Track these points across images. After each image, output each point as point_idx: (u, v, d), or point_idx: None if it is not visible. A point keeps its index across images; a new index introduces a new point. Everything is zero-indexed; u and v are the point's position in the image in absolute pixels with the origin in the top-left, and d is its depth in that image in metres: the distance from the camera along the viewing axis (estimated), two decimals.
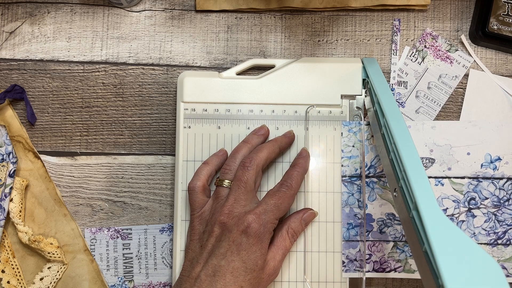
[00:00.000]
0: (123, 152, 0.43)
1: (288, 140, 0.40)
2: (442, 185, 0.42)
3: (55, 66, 0.44)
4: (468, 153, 0.42)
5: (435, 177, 0.42)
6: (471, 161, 0.42)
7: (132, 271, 0.43)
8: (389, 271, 0.41)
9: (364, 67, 0.41)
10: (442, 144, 0.42)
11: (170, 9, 0.44)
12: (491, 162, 0.42)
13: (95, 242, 0.43)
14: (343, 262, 0.40)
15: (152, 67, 0.44)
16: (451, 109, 0.44)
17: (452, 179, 0.42)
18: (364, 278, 0.40)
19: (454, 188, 0.42)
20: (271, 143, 0.39)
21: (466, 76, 0.44)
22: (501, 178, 0.42)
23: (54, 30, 0.44)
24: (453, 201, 0.42)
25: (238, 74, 0.42)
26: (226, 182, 0.37)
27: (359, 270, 0.40)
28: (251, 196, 0.37)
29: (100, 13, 0.44)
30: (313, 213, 0.40)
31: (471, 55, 0.44)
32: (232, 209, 0.35)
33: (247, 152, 0.39)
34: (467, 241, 0.26)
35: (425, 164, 0.42)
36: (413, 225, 0.30)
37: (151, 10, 0.44)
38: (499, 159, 0.42)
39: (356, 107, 0.42)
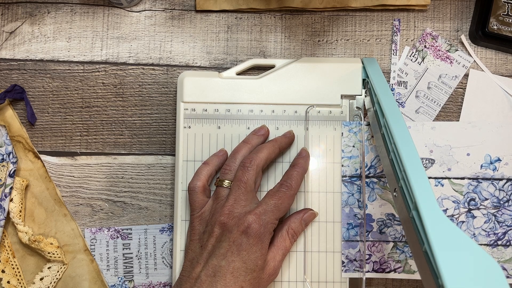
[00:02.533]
0: (123, 152, 0.43)
1: (288, 140, 0.40)
2: (442, 185, 0.42)
3: (55, 66, 0.44)
4: (468, 154, 0.42)
5: (435, 178, 0.42)
6: (471, 162, 0.42)
7: (132, 271, 0.43)
8: (389, 272, 0.41)
9: (364, 67, 0.41)
10: (442, 144, 0.42)
11: (170, 9, 0.44)
12: (491, 163, 0.42)
13: (95, 242, 0.43)
14: (343, 262, 0.40)
15: (152, 67, 0.44)
16: (451, 109, 0.44)
17: (452, 179, 0.42)
18: (364, 278, 0.40)
19: (454, 189, 0.42)
20: (271, 143, 0.39)
21: (466, 76, 0.44)
22: (501, 179, 0.42)
23: (54, 30, 0.44)
24: (453, 201, 0.42)
25: (238, 74, 0.42)
26: (226, 183, 0.37)
27: (359, 270, 0.40)
28: (251, 196, 0.37)
29: (100, 13, 0.44)
30: (313, 214, 0.40)
31: (471, 55, 0.44)
32: (232, 210, 0.35)
33: (247, 152, 0.39)
34: (467, 241, 0.26)
35: (425, 165, 0.42)
36: (413, 225, 0.30)
37: (151, 10, 0.44)
38: (498, 160, 0.42)
39: (356, 107, 0.42)
